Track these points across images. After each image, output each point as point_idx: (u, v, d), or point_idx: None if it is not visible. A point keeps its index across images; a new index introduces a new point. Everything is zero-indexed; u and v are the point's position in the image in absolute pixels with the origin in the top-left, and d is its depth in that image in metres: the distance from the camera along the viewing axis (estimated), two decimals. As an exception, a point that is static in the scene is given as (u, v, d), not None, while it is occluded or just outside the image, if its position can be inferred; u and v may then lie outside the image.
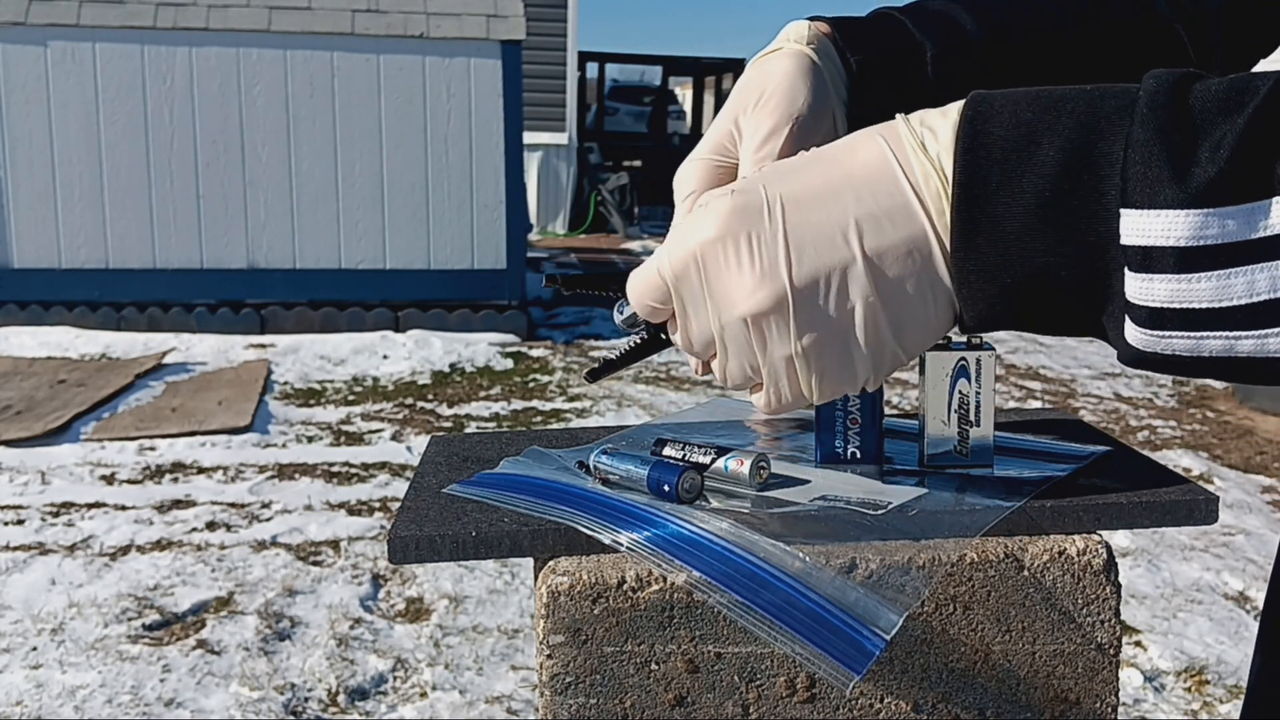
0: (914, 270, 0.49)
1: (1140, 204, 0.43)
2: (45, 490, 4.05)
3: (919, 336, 0.51)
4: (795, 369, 0.52)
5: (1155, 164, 0.43)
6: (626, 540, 0.57)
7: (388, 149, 6.80)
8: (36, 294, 6.60)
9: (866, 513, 0.59)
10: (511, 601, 3.17)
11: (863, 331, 0.50)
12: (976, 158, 0.47)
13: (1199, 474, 4.48)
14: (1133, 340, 0.46)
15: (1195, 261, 0.43)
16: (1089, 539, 0.60)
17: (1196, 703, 2.70)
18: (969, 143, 0.47)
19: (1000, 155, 0.46)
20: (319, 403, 5.42)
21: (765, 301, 0.50)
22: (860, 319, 0.50)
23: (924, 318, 0.50)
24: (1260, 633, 0.81)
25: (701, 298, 0.53)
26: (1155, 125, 0.43)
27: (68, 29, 6.41)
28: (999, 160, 0.46)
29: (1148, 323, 0.44)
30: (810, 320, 0.50)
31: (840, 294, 0.50)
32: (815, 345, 0.51)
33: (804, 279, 0.50)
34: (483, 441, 0.77)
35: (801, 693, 0.58)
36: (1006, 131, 0.46)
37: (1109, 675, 0.60)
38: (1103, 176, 0.44)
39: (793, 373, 0.52)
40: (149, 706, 2.59)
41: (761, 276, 0.50)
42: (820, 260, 0.49)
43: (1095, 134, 0.45)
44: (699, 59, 17.61)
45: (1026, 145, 0.46)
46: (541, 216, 12.58)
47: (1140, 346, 0.45)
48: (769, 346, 0.51)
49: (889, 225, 0.49)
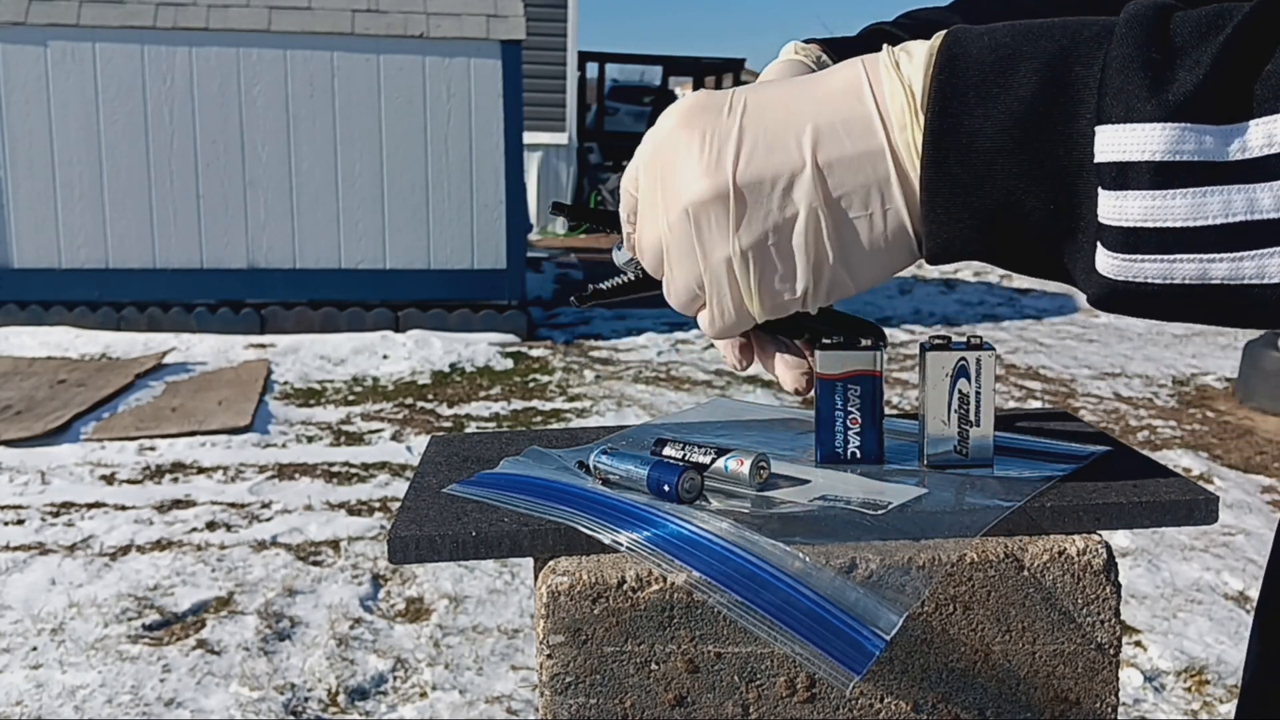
0: (865, 186, 0.48)
1: (1116, 119, 0.42)
2: (45, 490, 4.05)
3: (865, 261, 0.50)
4: (734, 272, 0.50)
5: (1133, 79, 0.42)
6: (626, 540, 0.57)
7: (388, 149, 6.80)
8: (36, 294, 6.60)
9: (866, 513, 0.59)
10: (511, 601, 3.17)
11: (802, 238, 0.49)
12: (952, 77, 0.46)
13: (1199, 474, 4.48)
14: (1103, 268, 0.44)
15: (1171, 177, 0.42)
16: (1089, 539, 0.60)
17: (1196, 702, 2.70)
18: (944, 63, 0.46)
19: (976, 77, 0.45)
20: (319, 403, 5.42)
21: (706, 191, 0.49)
22: (802, 225, 0.49)
23: (871, 239, 0.49)
24: (1254, 632, 0.82)
25: (656, 193, 0.52)
26: (1133, 43, 0.42)
27: (68, 29, 6.41)
28: (974, 82, 0.45)
29: (1120, 245, 0.43)
30: (750, 217, 0.49)
31: (784, 198, 0.48)
32: (754, 245, 0.49)
33: (749, 176, 0.49)
34: (483, 441, 0.77)
35: (801, 693, 0.58)
36: (983, 55, 0.46)
37: (1109, 675, 0.60)
38: (1078, 100, 0.43)
39: (732, 278, 0.50)
40: (149, 706, 2.59)
41: (707, 168, 0.49)
42: (769, 161, 0.48)
43: (1073, 58, 0.44)
44: (699, 59, 17.62)
45: (1003, 67, 0.45)
46: (541, 216, 12.58)
47: (1111, 274, 0.44)
48: (708, 245, 0.50)
49: (845, 136, 0.48)
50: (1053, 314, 8.50)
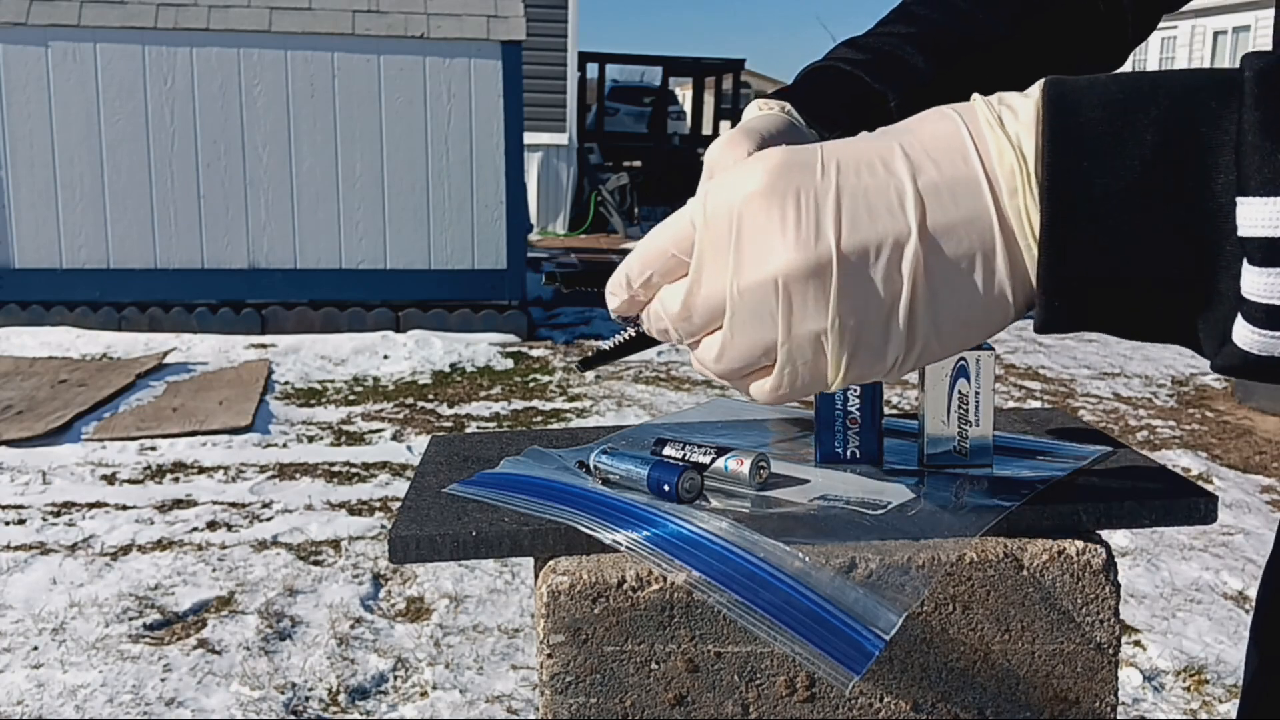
0: (970, 254, 0.45)
1: (1265, 192, 0.39)
2: (46, 490, 4.06)
3: (959, 331, 0.47)
4: (824, 346, 0.46)
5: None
6: (626, 540, 0.57)
7: (388, 149, 6.80)
8: (37, 294, 6.60)
9: (866, 513, 0.59)
10: (512, 601, 3.17)
11: (905, 312, 0.45)
12: (1065, 139, 0.42)
13: (1198, 474, 4.48)
14: (1243, 342, 0.41)
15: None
16: (1088, 539, 0.60)
17: (1196, 702, 2.70)
18: (1055, 122, 0.43)
19: (1091, 140, 0.42)
20: (320, 402, 5.42)
21: (805, 263, 0.45)
22: (905, 298, 0.45)
23: (970, 309, 0.46)
24: (1253, 632, 0.82)
25: (725, 254, 0.47)
26: (1271, 106, 0.39)
27: (69, 29, 6.41)
28: (1090, 146, 0.42)
29: (1265, 322, 0.40)
30: (852, 291, 0.45)
31: (889, 268, 0.45)
32: (853, 319, 0.46)
33: (853, 246, 0.45)
34: (483, 441, 0.77)
35: (801, 692, 0.58)
36: (1096, 112, 0.42)
37: (1108, 675, 0.60)
38: (1210, 165, 0.41)
39: (819, 351, 0.47)
40: (150, 706, 2.59)
41: (805, 237, 0.45)
42: (873, 228, 0.45)
43: (1195, 118, 0.41)
44: (699, 59, 17.62)
45: (1120, 126, 0.42)
46: (541, 216, 12.58)
47: (1254, 349, 0.41)
48: (796, 317, 0.46)
49: (950, 200, 0.45)
50: (1053, 314, 8.48)
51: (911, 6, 0.82)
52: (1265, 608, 0.81)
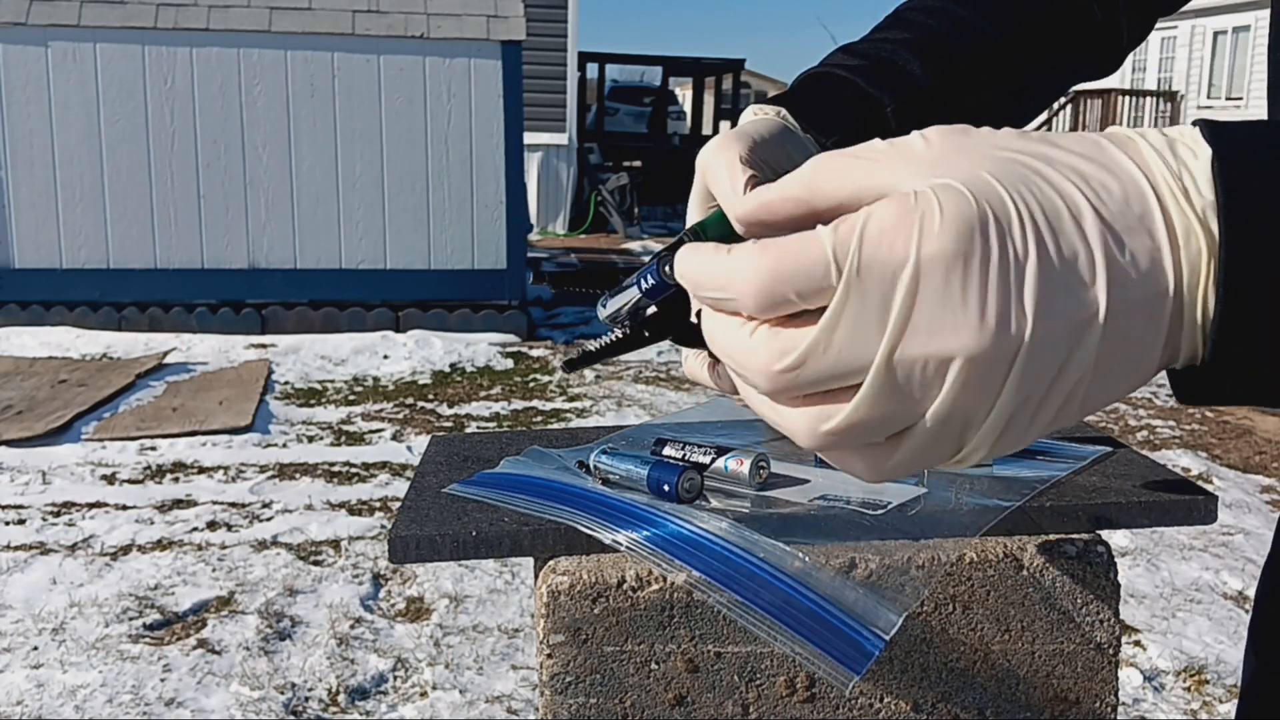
0: (1139, 338, 0.40)
1: None
2: (46, 490, 4.06)
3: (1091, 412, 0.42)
4: (969, 429, 0.40)
5: None
6: (626, 540, 0.57)
7: (388, 149, 6.81)
8: (37, 294, 6.60)
9: (866, 513, 0.59)
10: (512, 601, 3.17)
11: (1061, 403, 0.40)
12: (1254, 231, 0.38)
13: (1198, 474, 4.48)
14: None
15: None
16: (1089, 539, 0.60)
17: (1196, 702, 2.70)
18: (1240, 211, 0.39)
19: (1270, 223, 0.38)
20: (319, 403, 5.42)
21: (990, 349, 0.38)
22: (1066, 386, 0.40)
23: (1120, 392, 0.41)
24: (1251, 634, 0.81)
25: (879, 315, 0.39)
26: None
27: (69, 29, 6.42)
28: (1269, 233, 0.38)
29: None
30: (1032, 381, 0.39)
31: (1069, 351, 0.39)
32: (1020, 410, 0.40)
33: (1046, 333, 0.38)
34: (483, 441, 0.77)
35: (801, 692, 0.58)
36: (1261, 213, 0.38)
37: (1108, 675, 0.60)
38: None
39: (962, 433, 0.40)
40: (149, 706, 2.59)
41: (998, 322, 0.38)
42: (1065, 309, 0.38)
43: None
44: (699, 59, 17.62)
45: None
46: (541, 216, 12.58)
47: None
48: (958, 404, 0.39)
49: (1134, 279, 0.39)
50: (1053, 314, 8.49)
51: (907, 13, 0.81)
52: (1263, 608, 0.81)
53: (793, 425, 0.42)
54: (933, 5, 0.81)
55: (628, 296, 0.55)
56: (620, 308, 0.56)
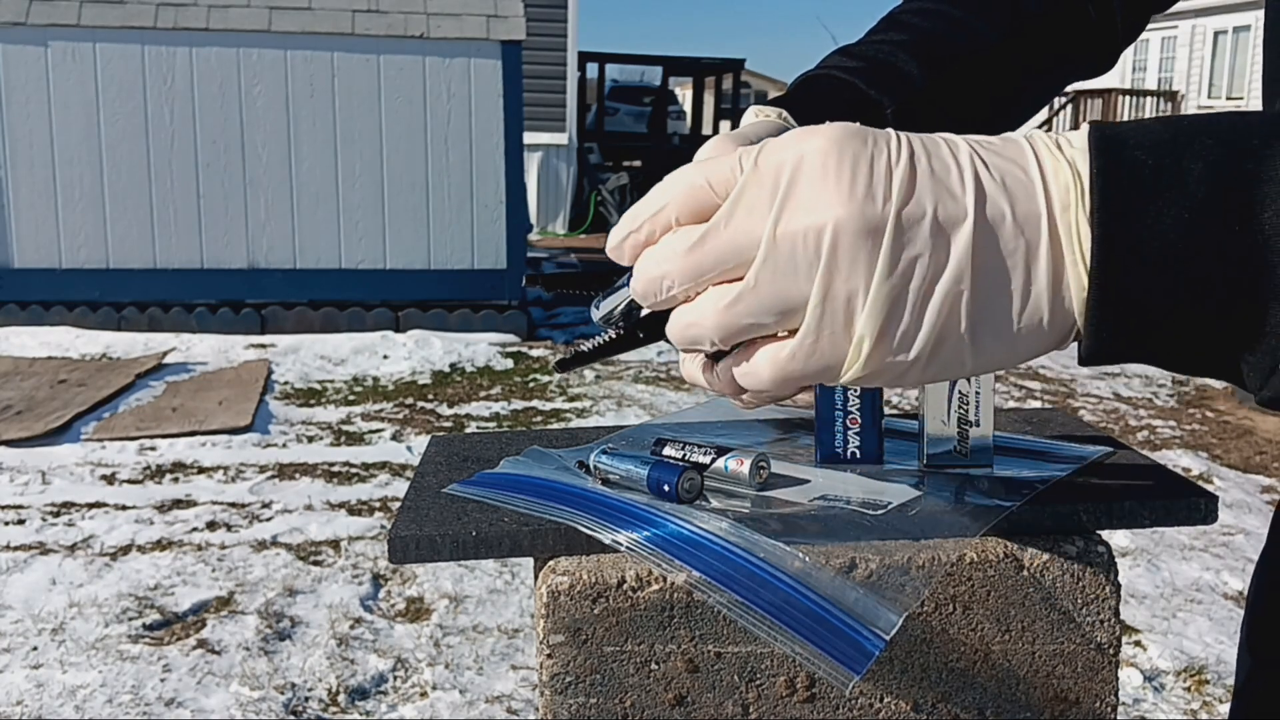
0: (1016, 254, 0.44)
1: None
2: (46, 490, 4.06)
3: (992, 342, 0.45)
4: (854, 316, 0.44)
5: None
6: (626, 540, 0.57)
7: (388, 149, 6.81)
8: (37, 294, 6.60)
9: (866, 513, 0.59)
10: (511, 601, 3.17)
11: (943, 294, 0.44)
12: (1117, 169, 0.43)
13: (1199, 474, 4.48)
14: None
15: None
16: (1089, 539, 0.60)
17: (1196, 702, 2.70)
18: (1105, 154, 0.43)
19: (1142, 172, 0.42)
20: (319, 403, 5.42)
21: (860, 219, 0.43)
22: (947, 280, 0.44)
23: (1006, 318, 0.45)
24: (1246, 633, 0.81)
25: (769, 196, 0.45)
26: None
27: (68, 29, 6.42)
28: (1141, 176, 0.42)
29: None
30: (900, 257, 0.44)
31: (939, 244, 0.43)
32: (892, 290, 0.44)
33: (910, 214, 0.43)
34: (483, 441, 0.77)
35: (801, 692, 0.58)
36: (1143, 150, 0.43)
37: (1108, 675, 0.60)
38: (1257, 197, 0.41)
39: (849, 322, 0.45)
40: (149, 706, 2.59)
41: (864, 194, 0.44)
42: (932, 203, 0.44)
43: (1242, 154, 0.42)
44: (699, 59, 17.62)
45: (1167, 161, 0.42)
46: (541, 216, 12.58)
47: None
48: (838, 273, 0.44)
49: (1007, 198, 0.44)
50: (1053, 314, 8.49)
51: (902, 15, 0.81)
52: (1259, 606, 0.80)
53: (701, 310, 0.47)
54: (927, 7, 0.81)
55: (620, 297, 0.56)
56: (613, 309, 0.56)
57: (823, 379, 0.47)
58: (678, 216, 0.48)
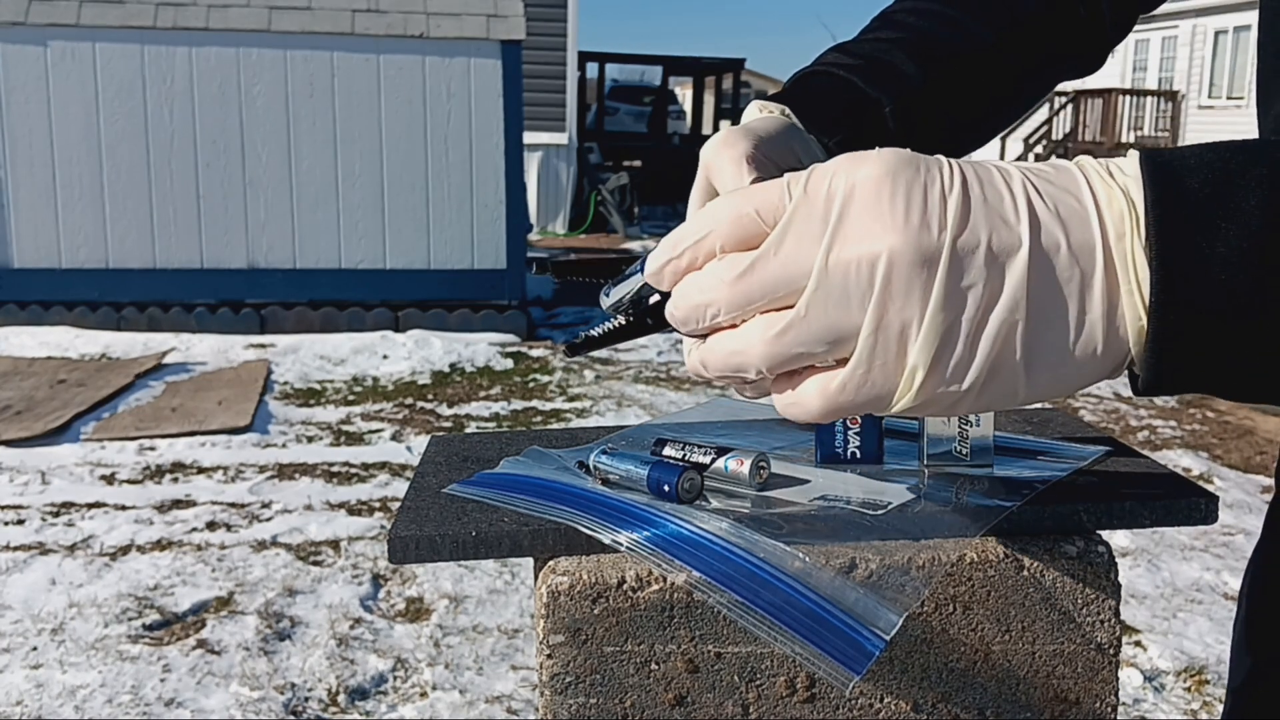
0: (1072, 282, 0.43)
1: None
2: (45, 490, 4.05)
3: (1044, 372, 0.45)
4: (907, 346, 0.44)
5: None
6: (626, 540, 0.57)
7: (388, 149, 6.80)
8: (36, 294, 6.60)
9: (866, 513, 0.59)
10: (511, 601, 3.17)
11: (997, 325, 0.43)
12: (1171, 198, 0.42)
13: (1199, 474, 4.48)
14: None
15: None
16: (1089, 539, 0.60)
17: (1196, 702, 2.70)
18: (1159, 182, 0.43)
19: (1197, 200, 0.42)
20: (319, 403, 5.42)
21: (915, 249, 0.43)
22: (1002, 310, 0.43)
23: (1060, 347, 0.44)
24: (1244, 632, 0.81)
25: (821, 225, 0.44)
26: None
27: (68, 29, 6.41)
28: (1195, 205, 0.42)
29: None
30: (955, 288, 0.43)
31: (994, 276, 0.43)
32: (946, 320, 0.44)
33: (966, 244, 0.43)
34: (483, 441, 0.77)
35: (801, 693, 0.58)
36: (1197, 180, 0.42)
37: (1109, 675, 0.60)
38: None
39: (901, 353, 0.44)
40: (149, 706, 2.59)
41: (919, 223, 0.43)
42: (987, 231, 0.43)
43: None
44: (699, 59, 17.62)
45: (1223, 190, 0.42)
46: (541, 216, 12.58)
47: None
48: (889, 303, 0.43)
49: (1062, 226, 0.44)
50: (1053, 314, 8.49)
51: (897, 14, 0.81)
52: (1257, 605, 0.80)
53: (748, 339, 0.47)
54: (922, 6, 0.81)
55: (631, 285, 0.56)
56: (623, 296, 0.56)
57: (873, 409, 0.46)
58: (723, 244, 0.47)
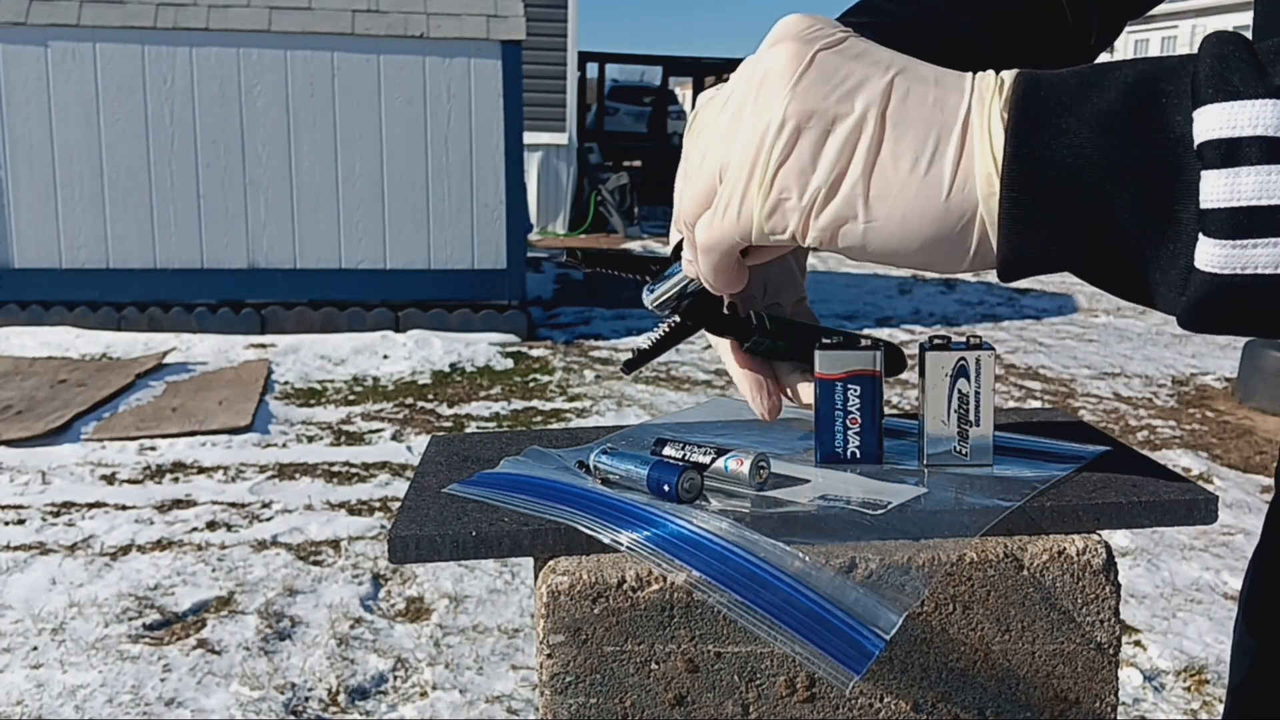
0: (926, 126, 0.47)
1: (1219, 99, 0.41)
2: (46, 490, 4.05)
3: (885, 200, 0.47)
4: (764, 146, 0.48)
5: (1234, 68, 0.41)
6: (626, 540, 0.57)
7: (388, 149, 6.80)
8: (37, 294, 6.60)
9: (866, 513, 0.59)
10: (511, 601, 3.17)
11: (841, 137, 0.47)
12: (1034, 85, 0.46)
13: (1199, 474, 4.48)
14: (1205, 263, 0.41)
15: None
16: (1089, 539, 0.60)
17: (1196, 702, 2.70)
18: (1025, 77, 0.46)
19: (1059, 90, 0.45)
20: (319, 402, 5.42)
21: (786, 53, 0.48)
22: (848, 124, 0.47)
23: (903, 179, 0.47)
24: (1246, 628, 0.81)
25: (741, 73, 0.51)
26: (1228, 48, 0.42)
27: (68, 29, 6.41)
28: (1058, 92, 0.45)
29: (1229, 230, 0.41)
30: (809, 90, 0.47)
31: (848, 93, 0.47)
32: (798, 116, 0.47)
33: (830, 58, 0.48)
34: (483, 441, 0.77)
35: (801, 692, 0.58)
36: (1064, 78, 0.46)
37: (1108, 675, 0.60)
38: (1169, 106, 0.43)
39: (759, 155, 0.48)
40: (149, 706, 2.59)
41: (800, 38, 0.49)
42: (856, 62, 0.48)
43: (1158, 76, 0.44)
44: (699, 59, 17.62)
45: (1086, 86, 0.45)
46: (541, 216, 12.58)
47: (1216, 268, 0.41)
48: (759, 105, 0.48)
49: (930, 79, 0.47)
50: (1052, 314, 8.50)
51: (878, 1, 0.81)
52: (1257, 605, 0.80)
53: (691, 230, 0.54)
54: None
55: (674, 283, 0.59)
56: (667, 294, 0.60)
57: (730, 243, 0.51)
58: None
